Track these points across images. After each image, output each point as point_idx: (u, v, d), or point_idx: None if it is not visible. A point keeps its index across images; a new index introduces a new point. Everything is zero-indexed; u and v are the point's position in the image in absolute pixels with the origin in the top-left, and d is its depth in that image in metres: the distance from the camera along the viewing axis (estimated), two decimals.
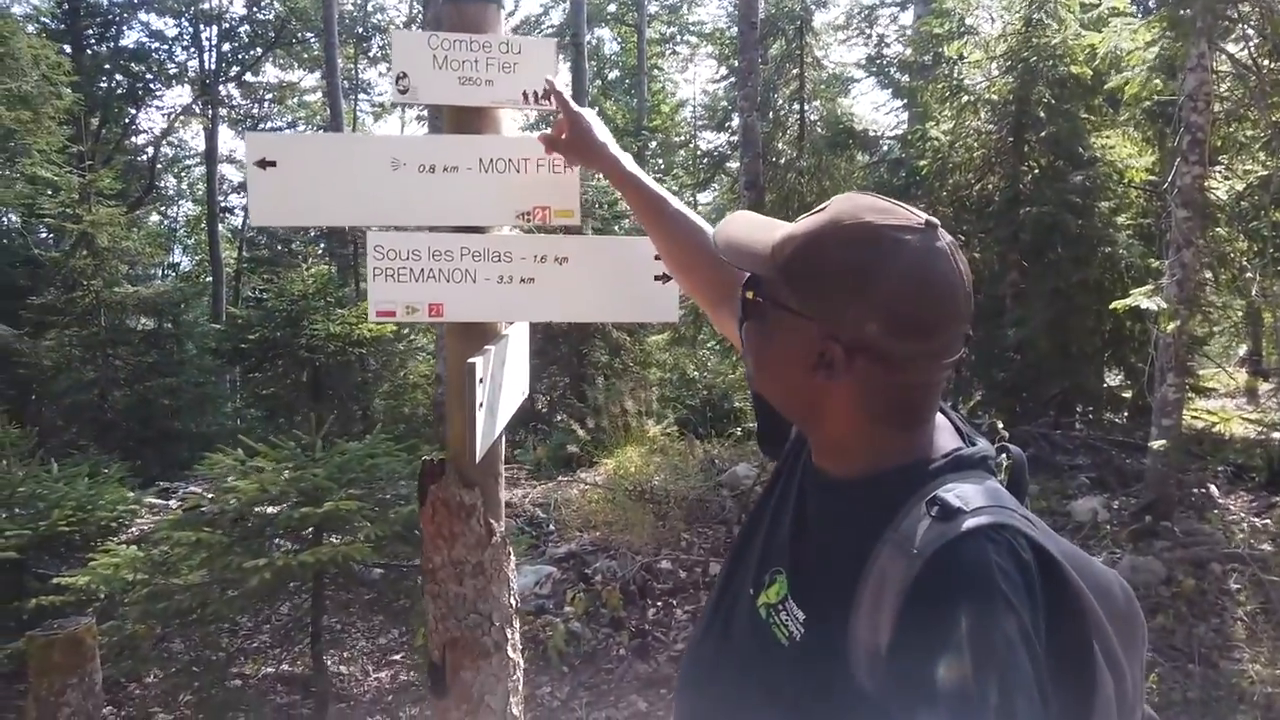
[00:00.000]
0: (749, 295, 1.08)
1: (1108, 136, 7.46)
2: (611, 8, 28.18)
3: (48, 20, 21.88)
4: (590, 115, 1.84)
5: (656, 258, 2.11)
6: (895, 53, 9.85)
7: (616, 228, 14.11)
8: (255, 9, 25.35)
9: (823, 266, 0.99)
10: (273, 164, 1.96)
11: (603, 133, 1.82)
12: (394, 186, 2.00)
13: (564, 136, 1.85)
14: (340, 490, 3.92)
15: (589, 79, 23.99)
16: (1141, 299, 5.37)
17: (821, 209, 1.06)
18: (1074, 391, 7.78)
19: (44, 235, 17.76)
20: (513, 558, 2.25)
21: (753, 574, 1.16)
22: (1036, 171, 7.71)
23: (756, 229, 1.13)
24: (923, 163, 8.02)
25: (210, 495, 3.94)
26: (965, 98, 8.17)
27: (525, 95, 2.05)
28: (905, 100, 9.11)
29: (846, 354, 0.97)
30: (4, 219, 17.88)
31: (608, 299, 2.13)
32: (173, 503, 7.55)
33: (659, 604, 5.24)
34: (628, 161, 1.76)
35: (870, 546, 0.94)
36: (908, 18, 11.85)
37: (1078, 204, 7.09)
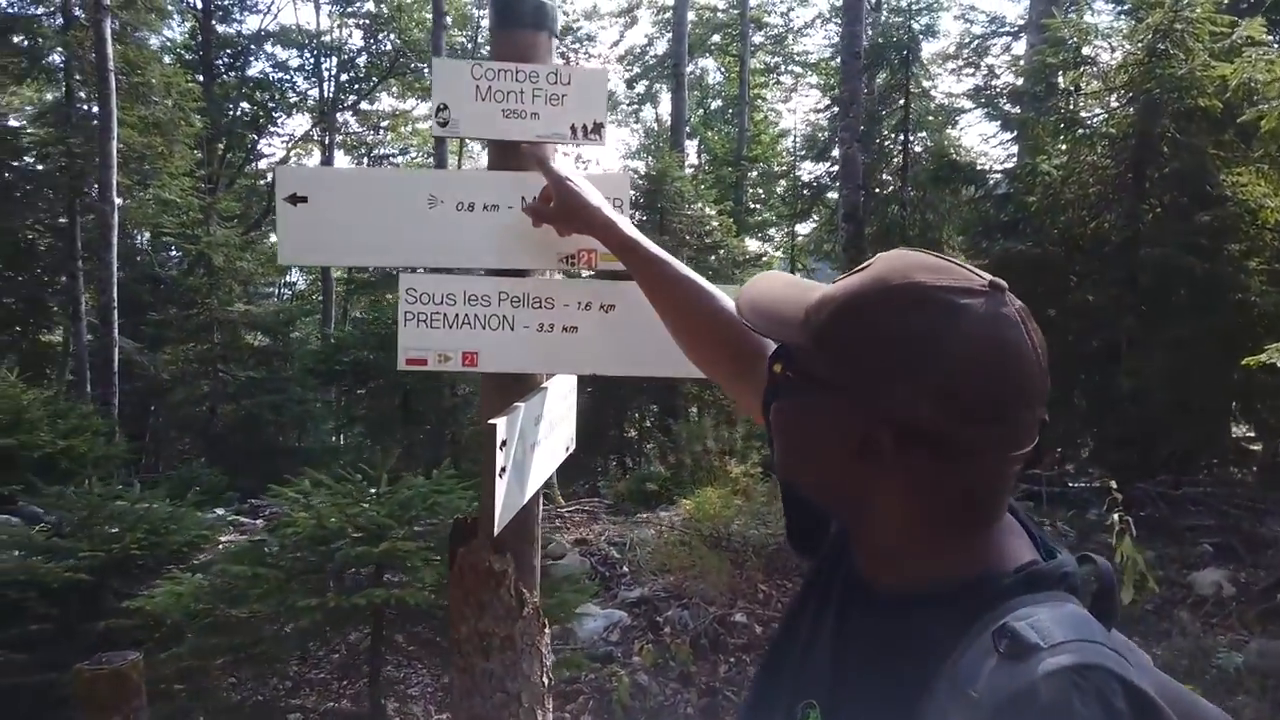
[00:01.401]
0: (777, 368, 0.92)
1: (1239, 174, 6.88)
2: (716, 38, 28.21)
3: (183, 51, 23.27)
4: (578, 178, 1.68)
5: None
6: (1005, 83, 9.41)
7: (713, 258, 13.95)
8: (372, 41, 26.36)
9: (866, 335, 0.82)
10: (304, 199, 1.84)
11: (594, 196, 1.64)
12: (430, 225, 1.86)
13: (551, 205, 1.69)
14: (401, 529, 3.82)
15: (690, 109, 24.03)
16: (1278, 355, 4.86)
17: (864, 266, 0.89)
18: (1196, 446, 7.16)
19: (173, 254, 18.67)
20: (547, 631, 2.07)
21: (785, 700, 0.97)
22: (1158, 210, 7.17)
23: (788, 290, 0.95)
24: (1032, 198, 7.57)
25: (271, 527, 3.90)
26: (1080, 131, 7.68)
27: (574, 129, 1.89)
28: (1015, 133, 8.65)
29: (896, 440, 0.80)
30: (135, 238, 18.86)
31: (658, 351, 1.91)
32: (260, 521, 7.67)
33: (731, 660, 4.97)
34: (625, 224, 1.58)
35: (923, 684, 0.77)
36: (1021, 47, 11.36)
37: (1204, 246, 6.55)
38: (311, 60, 26.30)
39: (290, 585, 3.55)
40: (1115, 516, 4.47)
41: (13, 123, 18.68)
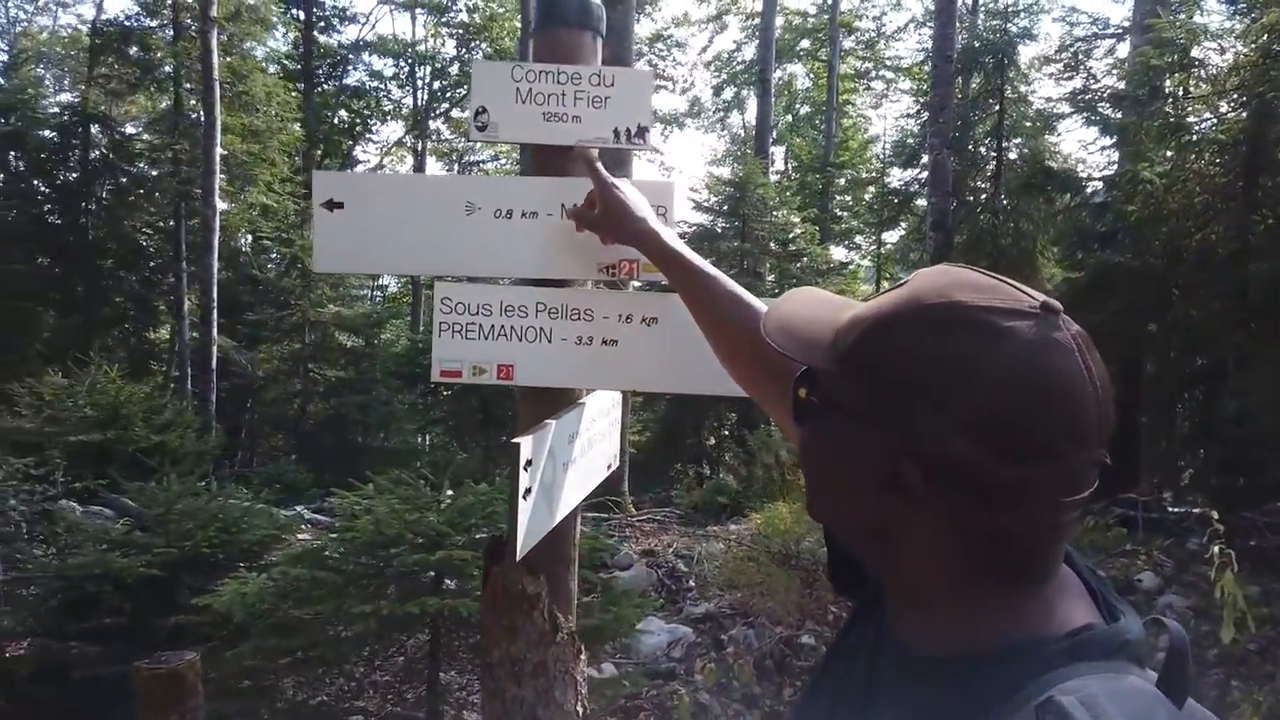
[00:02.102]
0: (802, 393, 0.84)
1: None
2: (804, 43, 27.85)
3: (286, 61, 24.16)
4: (626, 186, 1.61)
5: None
6: (1106, 86, 8.94)
7: (795, 265, 13.71)
8: (465, 50, 26.89)
9: (895, 358, 0.74)
10: (340, 205, 1.80)
11: (640, 204, 1.57)
12: (467, 233, 1.80)
13: (595, 211, 1.62)
14: (459, 536, 3.79)
15: (777, 115, 23.75)
16: None
17: (901, 283, 0.79)
18: None
19: (271, 257, 19.35)
20: (583, 657, 1.98)
21: None
22: (1270, 221, 6.68)
23: (818, 309, 0.86)
24: (1132, 208, 7.15)
25: (334, 531, 3.93)
26: (1186, 136, 7.22)
27: (617, 133, 1.80)
28: (1116, 138, 8.20)
29: (926, 478, 0.71)
30: (237, 241, 19.62)
31: (703, 367, 1.80)
32: (335, 520, 7.81)
33: (797, 684, 4.80)
34: (669, 236, 1.51)
35: None
36: (1125, 50, 10.84)
37: None
38: (406, 69, 27.00)
39: (348, 590, 3.56)
40: (1216, 548, 4.15)
41: (129, 130, 19.70)
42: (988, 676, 0.69)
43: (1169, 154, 7.26)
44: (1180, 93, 7.19)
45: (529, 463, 1.54)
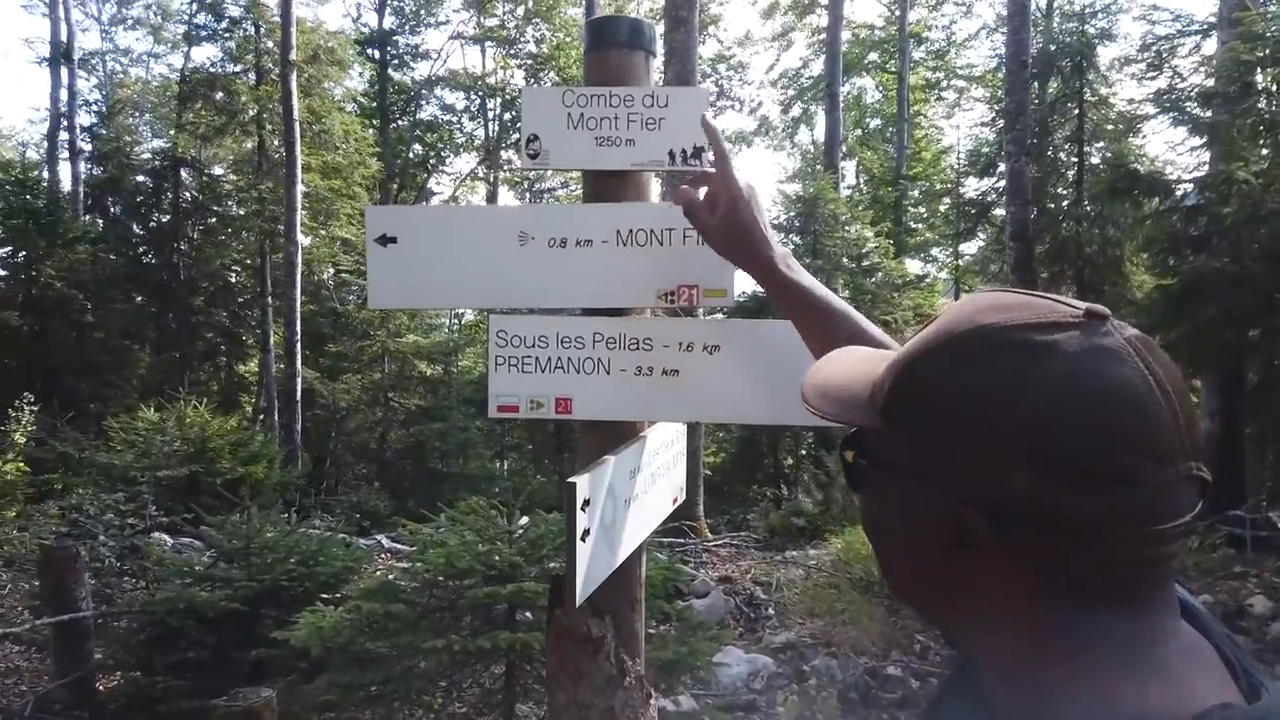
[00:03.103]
0: (849, 457, 0.76)
1: None
2: (873, 56, 27.50)
3: (362, 99, 24.93)
4: (756, 193, 1.41)
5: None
6: (1193, 84, 8.53)
7: (870, 280, 13.43)
8: (533, 80, 27.34)
9: (931, 399, 0.67)
10: (393, 240, 1.77)
11: (764, 217, 1.40)
12: (521, 263, 1.75)
13: (716, 216, 1.40)
14: (531, 568, 3.74)
15: (846, 129, 23.47)
16: None
17: (933, 319, 0.72)
18: None
19: (351, 290, 19.88)
20: (653, 701, 1.89)
21: None
22: None
23: (856, 365, 0.79)
24: (1227, 210, 6.76)
25: (406, 564, 3.93)
26: None
27: (672, 155, 1.73)
28: (1206, 138, 7.80)
29: (994, 524, 0.63)
30: (318, 275, 20.21)
31: (769, 397, 1.72)
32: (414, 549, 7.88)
33: (884, 716, 4.60)
34: (793, 265, 1.34)
35: None
36: (1211, 46, 10.35)
37: None
38: (477, 101, 27.58)
39: (421, 624, 3.54)
40: None
41: (216, 171, 20.57)
42: None
43: (1264, 152, 6.86)
44: (1274, 88, 6.79)
45: (586, 502, 1.47)
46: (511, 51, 26.62)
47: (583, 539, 1.47)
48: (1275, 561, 6.22)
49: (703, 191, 1.46)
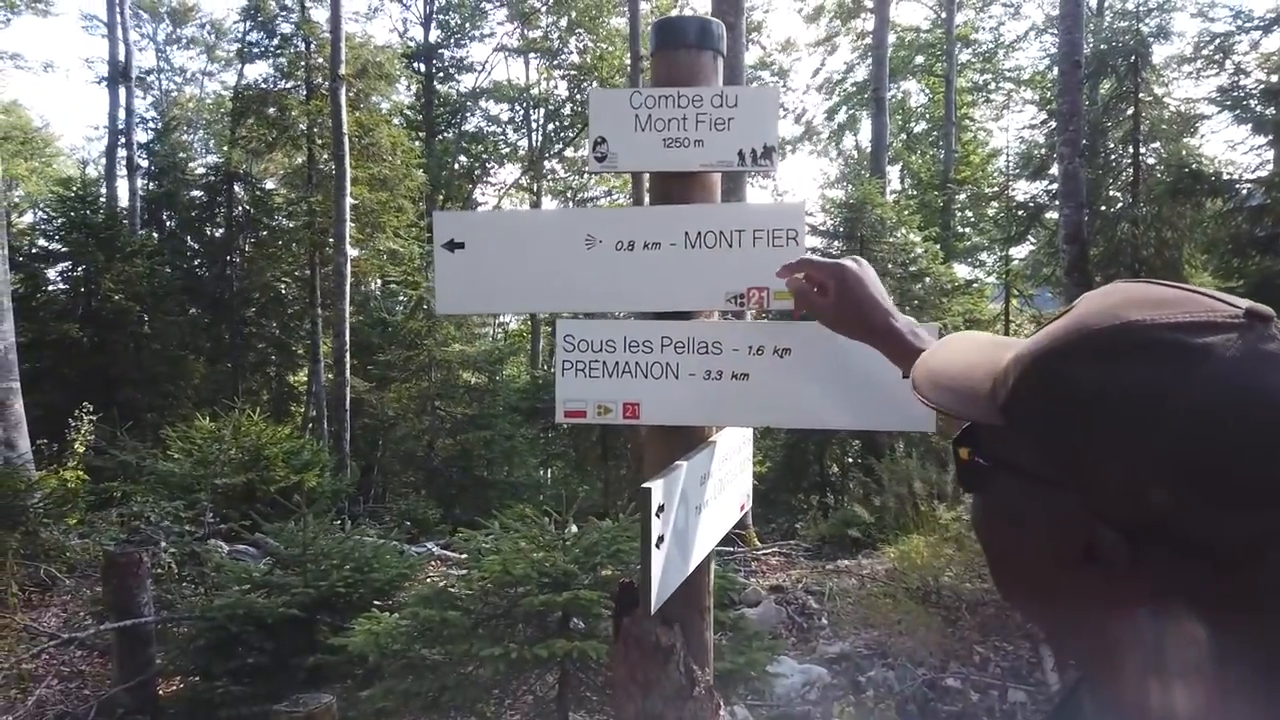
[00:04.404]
0: (964, 454, 0.70)
1: None
2: (919, 59, 27.21)
3: (409, 112, 25.30)
4: (864, 266, 1.38)
5: None
6: (1257, 81, 8.28)
7: (918, 286, 13.25)
8: (576, 90, 27.51)
9: (1065, 401, 0.60)
10: (461, 245, 1.77)
11: (880, 292, 1.35)
12: (588, 267, 1.73)
13: (828, 298, 1.38)
14: (585, 575, 3.72)
15: (892, 134, 23.23)
16: None
17: (1066, 310, 0.66)
18: None
19: (399, 300, 20.13)
20: (723, 713, 1.85)
21: None
22: None
23: (974, 354, 0.73)
24: None
25: (461, 571, 3.94)
26: None
27: (742, 155, 1.71)
28: (1270, 136, 7.55)
29: (1129, 542, 0.57)
30: (367, 286, 20.51)
31: (841, 401, 1.69)
32: (465, 555, 7.92)
33: None
34: (913, 328, 1.32)
35: None
36: (1272, 42, 10.07)
37: None
38: (521, 112, 27.84)
39: (476, 631, 3.53)
40: None
41: (268, 185, 20.99)
42: None
43: None
44: None
45: (661, 508, 1.45)
46: (555, 62, 26.81)
47: (657, 546, 1.44)
48: None
49: (806, 279, 1.44)
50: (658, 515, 1.43)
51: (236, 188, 18.83)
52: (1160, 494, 0.55)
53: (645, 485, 1.42)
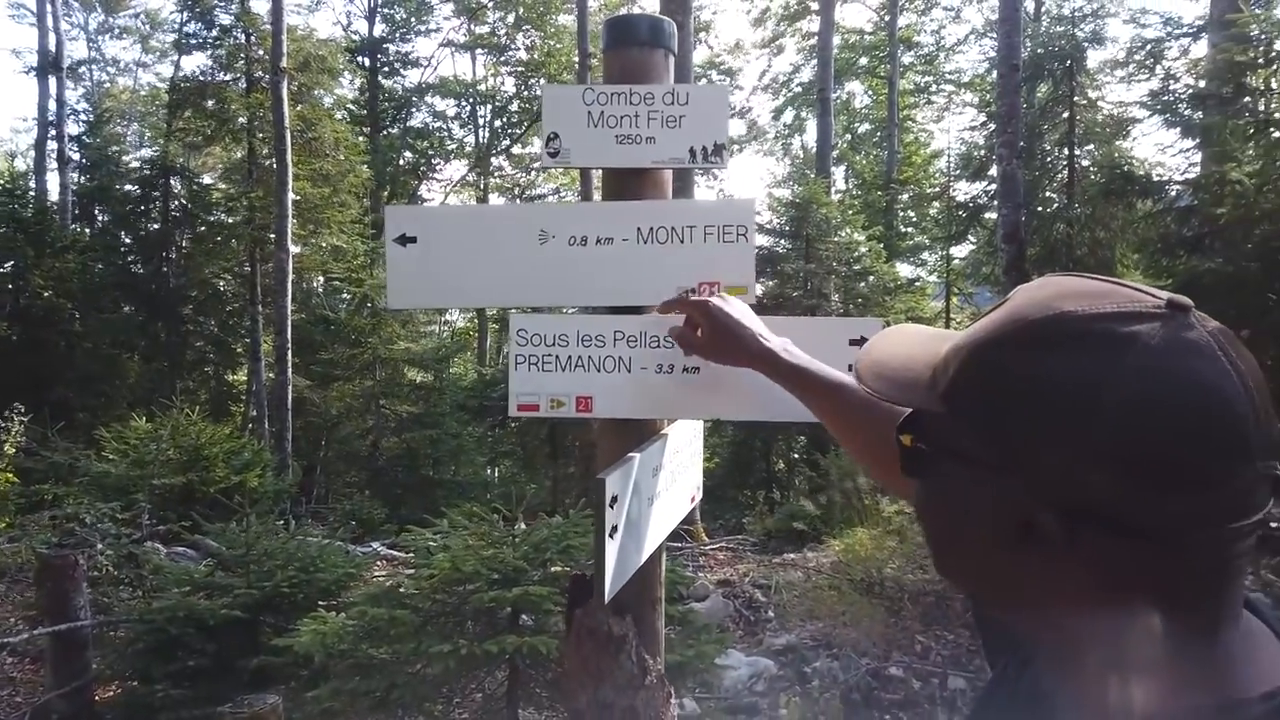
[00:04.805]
0: (906, 440, 0.74)
1: None
2: (863, 61, 27.65)
3: (352, 107, 24.90)
4: (730, 302, 1.52)
5: (854, 342, 1.70)
6: (1185, 86, 8.61)
7: (862, 284, 13.48)
8: (524, 87, 27.37)
9: (1003, 389, 0.64)
10: (413, 240, 1.77)
11: (752, 321, 1.48)
12: (542, 262, 1.75)
13: (700, 334, 1.53)
14: (535, 571, 3.73)
15: (837, 134, 23.56)
16: None
17: (1001, 303, 0.70)
18: None
19: (342, 297, 19.82)
20: (674, 702, 1.88)
21: None
22: None
23: (914, 345, 0.77)
24: (1221, 210, 6.83)
25: (410, 569, 3.91)
26: (1276, 134, 6.88)
27: (693, 152, 1.74)
28: (1197, 140, 7.85)
29: (1064, 524, 0.61)
30: (309, 282, 20.15)
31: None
32: (411, 555, 7.84)
33: (886, 717, 4.60)
34: (790, 351, 1.41)
35: None
36: (1200, 48, 10.46)
37: None
38: (467, 108, 27.61)
39: (426, 629, 3.52)
40: None
41: (206, 180, 20.49)
42: None
43: (1256, 153, 6.93)
44: (1266, 88, 6.86)
45: (614, 499, 1.47)
46: (502, 59, 26.64)
47: (611, 536, 1.46)
48: (1271, 559, 6.25)
49: (684, 321, 1.59)
50: (611, 506, 1.45)
51: (173, 182, 18.33)
52: (1096, 477, 0.59)
53: (599, 477, 1.44)
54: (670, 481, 1.79)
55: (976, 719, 0.83)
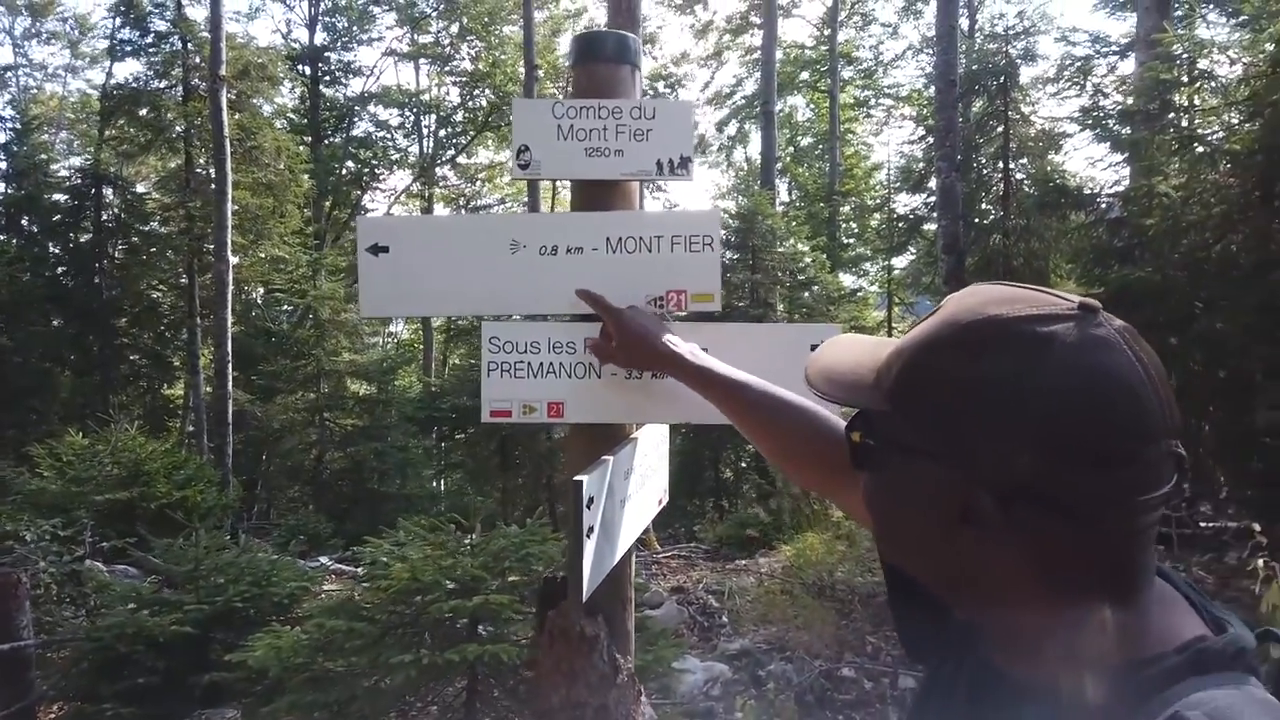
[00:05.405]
0: (855, 437, 0.82)
1: None
2: (804, 75, 28.13)
3: (293, 116, 24.51)
4: (638, 312, 1.65)
5: (814, 346, 1.77)
6: (1115, 102, 8.98)
7: (806, 294, 13.72)
8: (469, 97, 27.25)
9: (940, 385, 0.72)
10: (385, 249, 1.79)
11: (659, 328, 1.59)
12: (513, 271, 1.79)
13: (614, 344, 1.64)
14: (494, 580, 3.74)
15: (780, 147, 23.92)
16: None
17: (935, 310, 0.78)
18: None
19: (284, 309, 19.45)
20: (644, 700, 1.93)
21: None
22: None
23: (858, 351, 0.85)
24: (1150, 221, 7.13)
25: (367, 579, 3.89)
26: (1200, 149, 7.22)
27: (660, 165, 1.80)
28: (1126, 154, 8.21)
29: (999, 503, 0.69)
30: (250, 294, 19.74)
31: None
32: (361, 569, 7.75)
33: (840, 718, 4.69)
34: (695, 353, 1.51)
35: None
36: (1127, 66, 10.91)
37: None
38: (411, 118, 27.36)
39: (385, 640, 3.50)
40: (1260, 561, 4.07)
41: (140, 189, 19.95)
42: (1102, 700, 0.67)
43: (1182, 167, 7.26)
44: (1190, 105, 7.19)
45: (591, 500, 1.51)
46: (446, 69, 26.49)
47: (588, 536, 1.51)
48: (1200, 557, 6.52)
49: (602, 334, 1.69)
50: (588, 507, 1.50)
51: (106, 191, 17.83)
52: (1023, 460, 0.67)
53: (577, 478, 1.48)
54: (640, 484, 1.84)
55: (918, 714, 0.90)
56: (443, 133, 27.84)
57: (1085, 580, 0.70)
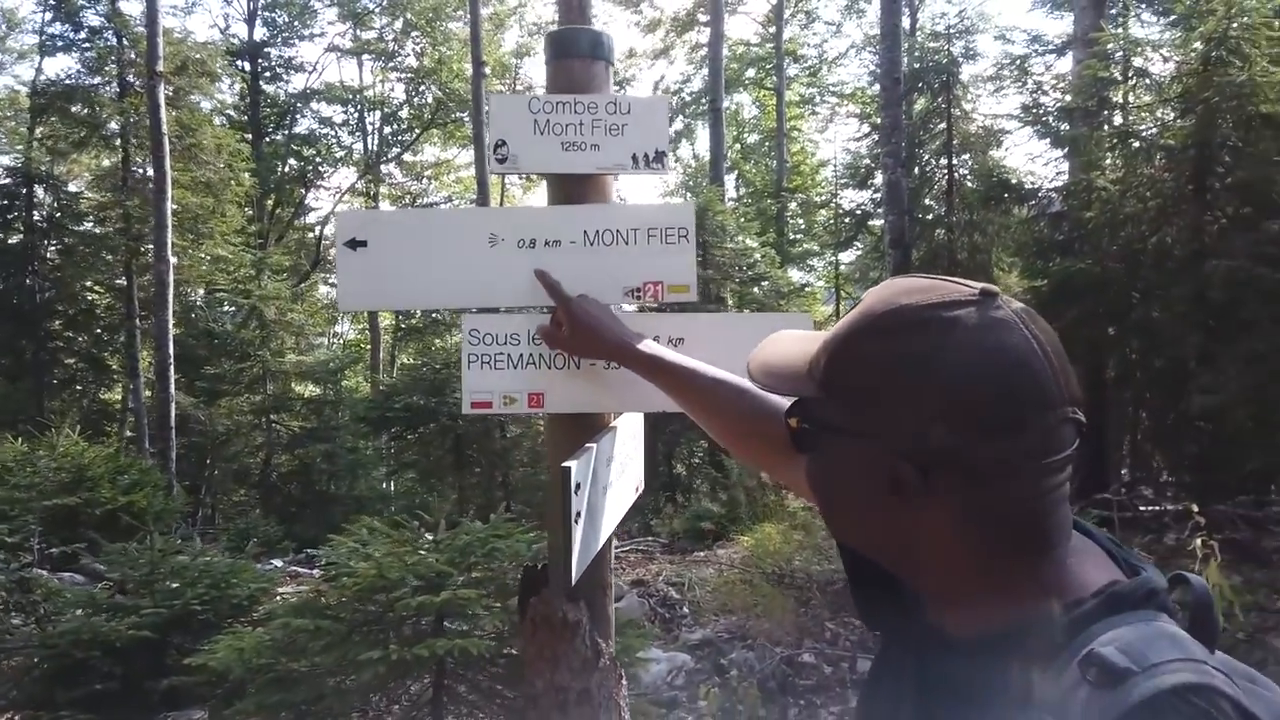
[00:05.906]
0: (793, 423, 0.90)
1: None
2: (750, 73, 28.37)
3: (233, 113, 23.97)
4: (590, 301, 1.69)
5: None
6: (1054, 99, 9.26)
7: (756, 289, 13.86)
8: (414, 93, 26.94)
9: (862, 370, 0.81)
10: (363, 243, 1.81)
11: (610, 318, 1.65)
12: (491, 264, 1.81)
13: (565, 331, 1.69)
14: (460, 575, 3.75)
15: (728, 144, 24.10)
16: None
17: (857, 303, 0.88)
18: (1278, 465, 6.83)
19: (227, 309, 19.04)
20: (624, 683, 1.97)
21: None
22: (1223, 221, 6.93)
23: (793, 345, 0.94)
24: (1089, 214, 7.39)
25: (330, 577, 3.86)
26: (1135, 144, 7.49)
27: (635, 159, 1.83)
28: (1065, 150, 8.49)
29: (920, 471, 0.77)
30: (191, 295, 19.27)
31: None
32: (316, 571, 7.65)
33: (801, 703, 4.79)
34: (645, 342, 1.57)
35: None
36: (1064, 64, 11.24)
37: (1275, 256, 6.28)
38: (355, 115, 26.96)
39: (351, 638, 3.49)
40: (1198, 541, 4.26)
41: (72, 188, 19.34)
42: (1030, 644, 0.74)
43: (1118, 162, 7.52)
44: (1126, 102, 7.46)
45: (578, 486, 1.55)
46: (390, 65, 26.15)
47: (575, 521, 1.54)
48: (1141, 538, 6.76)
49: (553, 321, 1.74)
50: (576, 492, 1.53)
51: (37, 191, 17.26)
52: (937, 432, 0.75)
53: (565, 464, 1.51)
54: (620, 472, 1.88)
55: (870, 691, 0.97)
56: (388, 130, 27.51)
57: (1004, 539, 0.78)
